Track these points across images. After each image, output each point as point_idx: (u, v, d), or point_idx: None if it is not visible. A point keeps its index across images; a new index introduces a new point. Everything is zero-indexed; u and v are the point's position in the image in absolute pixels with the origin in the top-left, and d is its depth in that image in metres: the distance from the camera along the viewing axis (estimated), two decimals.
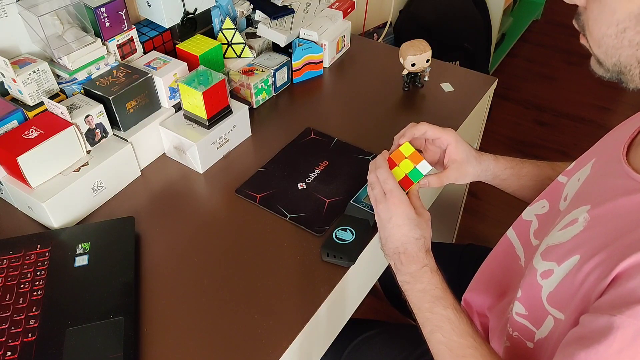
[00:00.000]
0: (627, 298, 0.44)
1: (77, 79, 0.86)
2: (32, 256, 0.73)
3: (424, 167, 0.72)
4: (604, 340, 0.44)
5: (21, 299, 0.68)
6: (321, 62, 1.14)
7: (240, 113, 0.93)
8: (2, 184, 0.80)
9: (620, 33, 0.50)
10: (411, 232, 0.66)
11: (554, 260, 0.56)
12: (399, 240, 0.66)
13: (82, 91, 0.86)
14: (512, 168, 0.80)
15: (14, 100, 0.83)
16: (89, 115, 0.81)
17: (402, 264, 0.66)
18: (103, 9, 0.85)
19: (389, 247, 0.67)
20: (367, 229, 0.78)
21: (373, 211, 0.79)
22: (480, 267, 0.80)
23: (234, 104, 0.93)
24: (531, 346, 0.62)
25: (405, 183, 0.71)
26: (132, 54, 0.93)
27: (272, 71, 1.05)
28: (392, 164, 0.72)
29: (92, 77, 0.87)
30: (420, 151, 0.75)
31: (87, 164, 0.81)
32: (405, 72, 1.06)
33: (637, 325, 0.43)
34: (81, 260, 0.73)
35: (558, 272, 0.55)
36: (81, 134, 0.81)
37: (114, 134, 0.86)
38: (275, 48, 1.13)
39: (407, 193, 0.69)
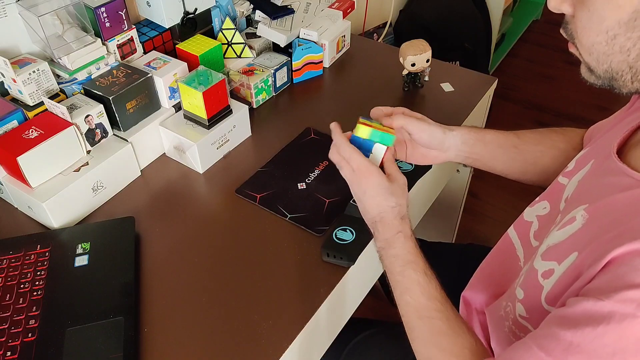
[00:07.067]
0: (615, 283, 0.44)
1: (77, 79, 0.86)
2: (32, 256, 0.73)
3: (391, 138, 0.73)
4: (591, 322, 0.45)
5: (21, 299, 0.68)
6: (321, 62, 1.14)
7: (240, 113, 0.93)
8: (2, 184, 0.80)
9: (610, 40, 0.50)
10: (386, 201, 0.68)
11: (554, 259, 0.57)
12: (375, 210, 0.68)
13: (82, 91, 0.86)
14: (477, 133, 0.81)
15: (14, 100, 0.83)
16: (89, 115, 0.81)
17: (378, 232, 0.68)
18: (103, 9, 0.85)
19: (367, 217, 0.70)
20: (367, 229, 0.78)
21: None
22: (480, 265, 0.80)
23: (234, 104, 0.93)
24: None
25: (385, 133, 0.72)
26: (132, 54, 0.93)
27: (272, 71, 1.05)
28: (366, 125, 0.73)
29: (92, 77, 0.87)
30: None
31: (87, 164, 0.81)
32: (405, 72, 1.06)
33: (624, 309, 0.43)
34: (81, 260, 0.73)
35: (558, 270, 0.56)
36: (81, 134, 0.81)
37: (114, 134, 0.86)
38: (275, 48, 1.13)
39: (382, 161, 0.71)
